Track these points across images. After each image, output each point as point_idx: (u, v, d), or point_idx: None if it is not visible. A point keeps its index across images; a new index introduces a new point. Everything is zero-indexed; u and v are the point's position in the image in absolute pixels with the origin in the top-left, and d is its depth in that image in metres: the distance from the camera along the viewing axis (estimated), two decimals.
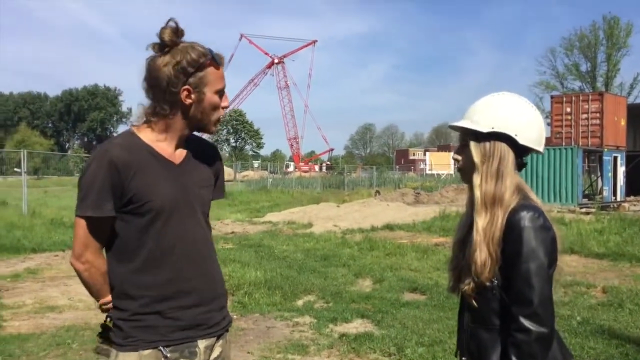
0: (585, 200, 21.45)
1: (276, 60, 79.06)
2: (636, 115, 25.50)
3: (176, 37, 1.83)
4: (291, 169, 70.37)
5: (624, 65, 59.89)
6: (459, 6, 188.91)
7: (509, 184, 1.76)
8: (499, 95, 1.85)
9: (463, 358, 1.87)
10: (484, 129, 1.78)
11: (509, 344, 1.67)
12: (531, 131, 1.80)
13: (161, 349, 1.84)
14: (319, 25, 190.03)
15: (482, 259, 1.71)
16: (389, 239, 12.28)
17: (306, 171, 66.54)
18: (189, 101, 1.86)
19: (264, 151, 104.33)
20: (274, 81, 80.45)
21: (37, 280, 8.32)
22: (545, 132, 1.87)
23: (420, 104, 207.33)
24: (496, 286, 1.72)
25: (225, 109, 1.98)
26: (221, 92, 1.92)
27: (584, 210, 18.60)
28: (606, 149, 22.17)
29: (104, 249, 1.91)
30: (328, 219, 16.88)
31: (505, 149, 1.78)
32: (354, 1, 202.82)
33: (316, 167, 74.88)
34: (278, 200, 27.53)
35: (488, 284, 1.72)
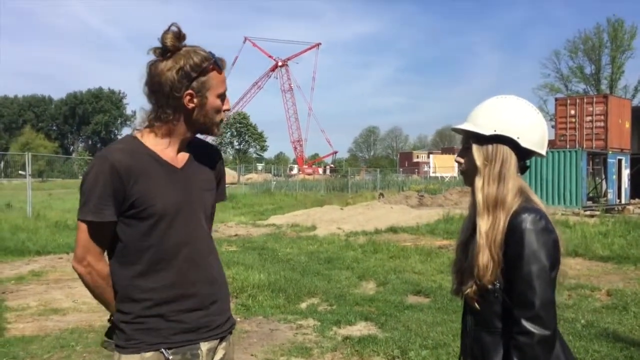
0: (590, 203, 21.40)
1: (280, 63, 79.27)
2: None
3: (178, 41, 1.82)
4: (295, 171, 70.40)
5: (628, 68, 60.05)
6: (463, 8, 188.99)
7: (511, 186, 1.76)
8: (501, 98, 1.85)
9: None
10: (486, 131, 1.78)
11: (511, 346, 1.67)
12: (533, 134, 1.80)
13: (163, 351, 1.84)
14: (322, 28, 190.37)
15: (484, 261, 1.71)
16: (393, 241, 12.27)
17: (310, 174, 66.60)
18: (191, 105, 1.86)
19: (268, 154, 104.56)
20: (278, 84, 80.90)
21: (41, 283, 8.34)
22: (547, 135, 1.86)
23: (424, 107, 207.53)
24: (498, 289, 1.72)
25: (227, 112, 1.98)
26: (223, 96, 1.92)
27: (588, 213, 18.56)
28: (610, 152, 22.11)
29: (106, 253, 1.91)
30: (332, 221, 16.88)
31: (508, 151, 1.78)
32: (358, 3, 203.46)
33: (320, 170, 74.90)
34: (282, 203, 27.54)
35: (490, 287, 1.72)
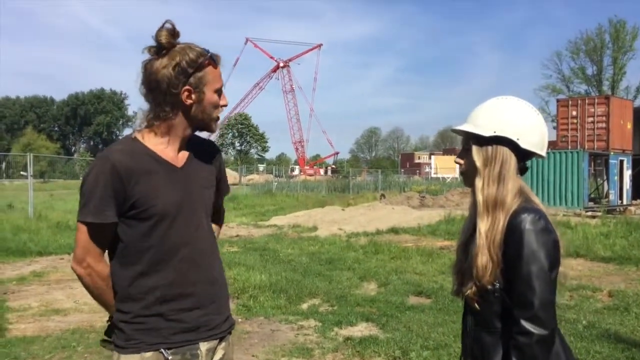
0: (591, 204, 21.40)
1: (281, 64, 79.32)
2: None
3: (173, 38, 1.82)
4: (296, 172, 70.36)
5: (630, 69, 60.06)
6: (463, 8, 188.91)
7: (510, 187, 1.76)
8: (501, 99, 1.85)
9: None
10: (486, 133, 1.78)
11: (511, 346, 1.67)
12: (533, 135, 1.80)
13: (162, 351, 1.84)
14: (322, 28, 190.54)
15: (484, 262, 1.71)
16: (394, 242, 12.26)
17: (311, 175, 66.58)
18: (189, 101, 1.86)
19: (269, 155, 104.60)
20: (280, 85, 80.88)
21: (42, 283, 8.35)
22: (547, 136, 1.86)
23: (425, 107, 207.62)
24: (498, 289, 1.72)
25: (224, 107, 1.98)
26: (219, 91, 1.93)
27: (590, 213, 18.55)
28: (612, 153, 22.10)
29: (106, 254, 1.91)
30: (333, 222, 16.87)
31: (507, 153, 1.78)
32: (358, 4, 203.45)
33: (321, 171, 74.86)
34: (283, 203, 27.54)
35: (490, 287, 1.72)
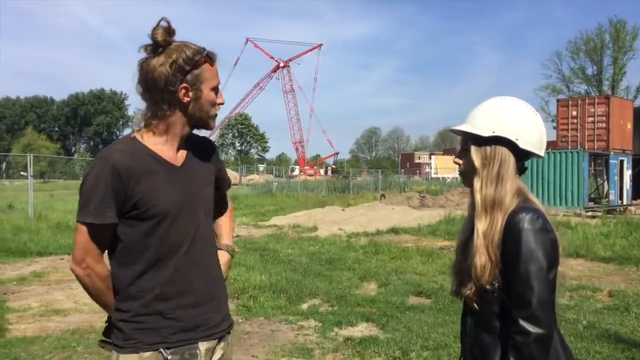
0: (592, 204, 21.38)
1: (282, 64, 79.35)
2: None
3: (169, 36, 1.82)
4: (296, 172, 70.37)
5: (630, 69, 60.11)
6: (463, 8, 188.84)
7: (509, 187, 1.76)
8: (500, 99, 1.85)
9: None
10: (484, 133, 1.78)
11: (509, 346, 1.67)
12: (532, 135, 1.80)
13: (162, 351, 1.84)
14: (322, 28, 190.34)
15: (482, 262, 1.71)
16: (394, 242, 12.26)
17: (311, 175, 66.59)
18: (187, 99, 1.85)
19: (270, 155, 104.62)
20: (280, 85, 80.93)
21: (42, 284, 8.35)
22: (546, 136, 1.86)
23: (425, 107, 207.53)
24: (497, 289, 1.72)
25: (221, 105, 1.98)
26: (216, 89, 1.93)
27: (590, 213, 18.54)
28: (612, 153, 22.09)
29: (105, 254, 1.90)
30: (333, 222, 16.87)
31: (506, 153, 1.78)
32: (358, 4, 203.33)
33: (321, 171, 74.88)
34: (283, 203, 27.53)
35: (488, 287, 1.73)
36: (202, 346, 1.92)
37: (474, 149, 1.81)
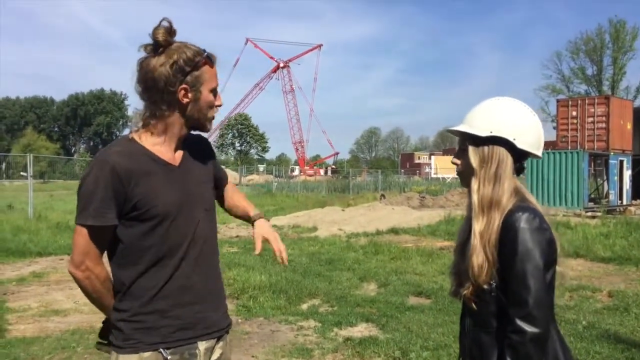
0: (591, 204, 21.37)
1: (281, 64, 79.36)
2: None
3: (170, 36, 1.82)
4: (296, 172, 70.38)
5: (630, 69, 60.13)
6: (462, 9, 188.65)
7: (506, 187, 1.76)
8: (497, 100, 1.86)
9: None
10: (482, 133, 1.78)
11: (506, 345, 1.68)
12: (529, 135, 1.80)
13: (161, 351, 1.84)
14: (322, 29, 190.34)
15: (479, 262, 1.71)
16: (394, 242, 12.26)
17: (311, 175, 66.63)
18: (186, 100, 1.85)
19: (269, 155, 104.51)
20: (280, 85, 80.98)
21: (42, 284, 8.35)
22: (543, 136, 1.87)
23: (425, 108, 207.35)
24: (494, 288, 1.72)
25: (219, 107, 1.98)
26: (215, 91, 1.93)
27: (589, 214, 18.54)
28: (612, 153, 22.08)
29: (104, 256, 1.89)
30: (333, 222, 16.86)
31: (504, 153, 1.78)
32: (357, 4, 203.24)
33: (321, 171, 74.89)
34: (283, 204, 27.53)
35: (486, 287, 1.73)
36: (202, 346, 1.92)
37: (471, 149, 1.81)
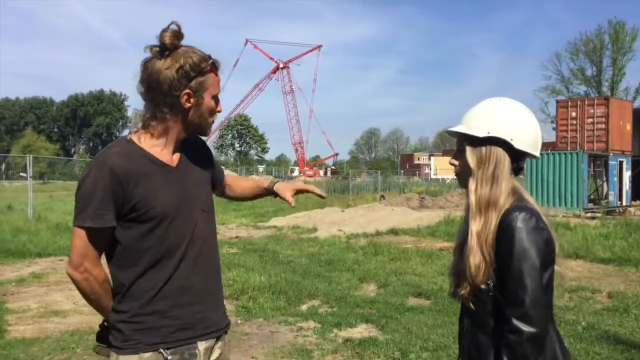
0: (591, 205, 21.37)
1: (281, 65, 79.40)
2: None
3: (177, 40, 1.82)
4: (296, 173, 70.36)
5: (629, 70, 60.25)
6: (462, 10, 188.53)
7: (504, 187, 1.76)
8: (495, 100, 1.86)
9: None
10: (479, 133, 1.79)
11: (502, 345, 1.68)
12: (527, 135, 1.81)
13: (162, 351, 1.84)
14: (322, 29, 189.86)
15: (476, 262, 1.72)
16: (394, 243, 12.26)
17: (311, 176, 66.63)
18: (188, 105, 1.86)
19: (269, 156, 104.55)
20: (279, 86, 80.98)
21: (42, 285, 8.34)
22: (541, 136, 1.87)
23: (425, 108, 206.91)
24: (492, 288, 1.72)
25: (219, 113, 1.99)
26: (217, 98, 1.94)
27: (589, 215, 18.54)
28: (612, 154, 22.09)
29: (102, 258, 1.89)
30: (332, 223, 16.86)
31: (501, 153, 1.78)
32: (357, 5, 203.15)
33: (321, 172, 74.90)
34: (283, 204, 27.35)
35: (483, 287, 1.73)
36: (201, 346, 1.93)
37: (469, 150, 1.81)
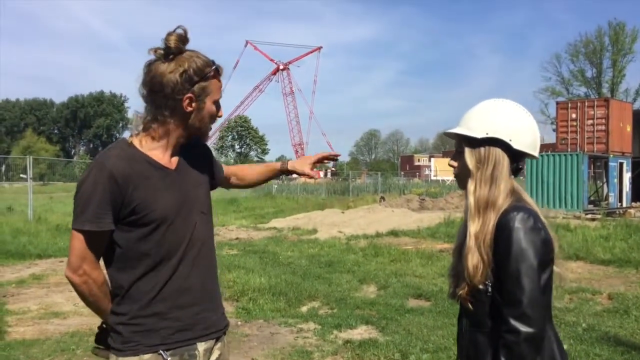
0: (591, 207, 21.35)
1: (281, 67, 79.50)
2: None
3: (182, 44, 1.82)
4: (296, 175, 70.28)
5: (629, 71, 60.30)
6: (462, 11, 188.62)
7: (503, 188, 1.76)
8: (493, 101, 1.86)
9: None
10: (478, 134, 1.79)
11: (500, 345, 1.68)
12: (526, 136, 1.81)
13: (161, 352, 1.84)
14: (323, 30, 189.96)
15: (474, 262, 1.72)
16: (394, 245, 12.26)
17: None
18: (189, 109, 1.86)
19: (269, 157, 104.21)
20: (279, 87, 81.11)
21: (42, 286, 8.35)
22: (539, 137, 1.87)
23: (425, 110, 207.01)
24: (490, 288, 1.72)
25: (219, 118, 2.00)
26: (218, 103, 1.94)
27: (589, 216, 18.54)
28: (612, 155, 22.08)
29: (101, 260, 1.89)
30: (333, 225, 16.86)
31: (500, 154, 1.78)
32: (357, 6, 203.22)
33: (321, 173, 74.90)
34: (283, 206, 27.54)
35: (481, 287, 1.73)
36: (201, 347, 1.93)
37: (468, 151, 1.81)
